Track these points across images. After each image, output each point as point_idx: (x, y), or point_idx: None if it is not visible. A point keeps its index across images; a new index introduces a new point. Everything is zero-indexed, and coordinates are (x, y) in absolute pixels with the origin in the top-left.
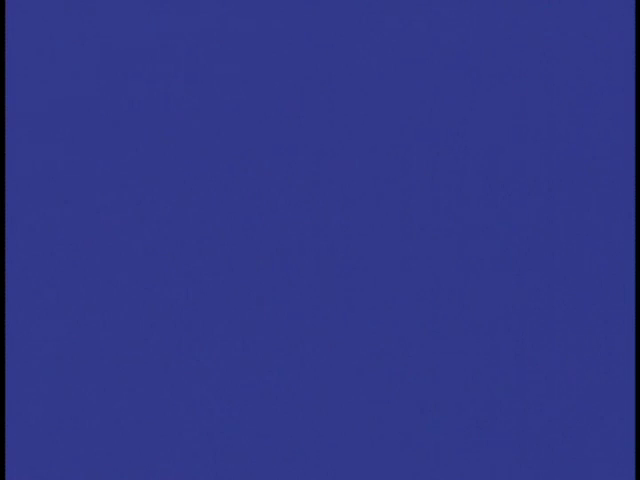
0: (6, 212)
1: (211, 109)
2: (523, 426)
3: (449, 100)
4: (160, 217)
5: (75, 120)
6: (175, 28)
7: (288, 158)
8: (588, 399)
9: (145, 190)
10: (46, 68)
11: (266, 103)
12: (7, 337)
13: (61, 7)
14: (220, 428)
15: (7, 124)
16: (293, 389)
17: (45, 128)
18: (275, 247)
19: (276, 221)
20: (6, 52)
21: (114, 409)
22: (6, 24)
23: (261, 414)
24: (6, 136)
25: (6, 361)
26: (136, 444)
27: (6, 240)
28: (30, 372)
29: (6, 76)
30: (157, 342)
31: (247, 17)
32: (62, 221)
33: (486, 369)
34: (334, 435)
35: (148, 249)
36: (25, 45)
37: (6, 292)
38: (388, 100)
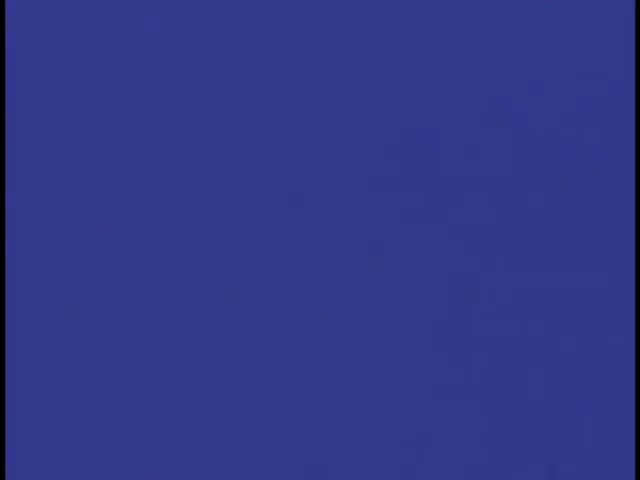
0: (6, 212)
1: (211, 108)
2: (523, 425)
3: (448, 100)
4: (160, 217)
5: (75, 120)
6: (175, 28)
7: (285, 159)
8: (588, 399)
9: (145, 191)
10: (46, 68)
11: (264, 103)
12: (7, 337)
13: (61, 7)
14: (220, 428)
15: (7, 124)
16: (292, 391)
17: (45, 128)
18: (274, 248)
19: (276, 221)
20: (6, 52)
21: (114, 410)
22: (6, 24)
23: (260, 415)
24: (6, 136)
25: (6, 361)
26: (136, 445)
27: (6, 240)
28: (30, 372)
29: (6, 76)
30: (157, 342)
31: (246, 16)
32: (62, 221)
33: (486, 368)
34: (333, 436)
35: (148, 249)
36: (25, 45)
37: (6, 292)
38: (387, 100)
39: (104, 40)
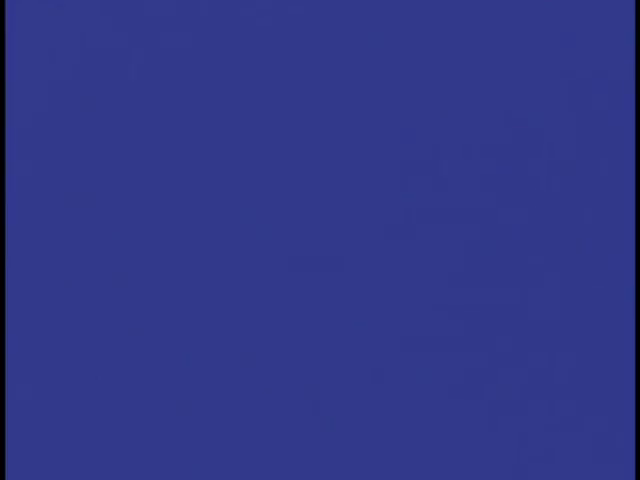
0: (6, 212)
1: (211, 108)
2: (522, 426)
3: (448, 101)
4: (160, 218)
5: (75, 120)
6: (176, 28)
7: (286, 161)
8: (588, 399)
9: (145, 191)
10: (46, 68)
11: (264, 104)
12: (7, 337)
13: (61, 7)
14: (220, 428)
15: (7, 124)
16: (292, 392)
17: (45, 129)
18: (274, 249)
19: (276, 222)
20: (6, 52)
21: (113, 409)
22: (6, 24)
23: (260, 416)
24: (6, 136)
25: (6, 361)
26: (136, 444)
27: (6, 240)
28: (30, 372)
29: (6, 76)
30: (157, 343)
31: (246, 16)
32: (62, 221)
33: (485, 368)
34: (333, 437)
35: (149, 250)
36: (25, 45)
37: (6, 292)
38: (388, 101)
39: (104, 40)
